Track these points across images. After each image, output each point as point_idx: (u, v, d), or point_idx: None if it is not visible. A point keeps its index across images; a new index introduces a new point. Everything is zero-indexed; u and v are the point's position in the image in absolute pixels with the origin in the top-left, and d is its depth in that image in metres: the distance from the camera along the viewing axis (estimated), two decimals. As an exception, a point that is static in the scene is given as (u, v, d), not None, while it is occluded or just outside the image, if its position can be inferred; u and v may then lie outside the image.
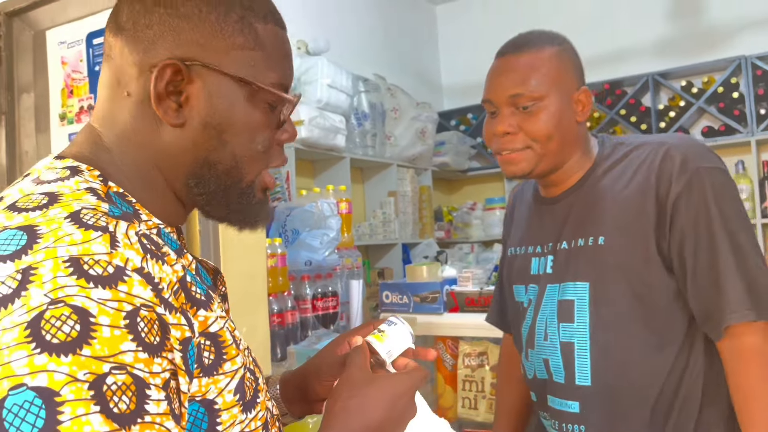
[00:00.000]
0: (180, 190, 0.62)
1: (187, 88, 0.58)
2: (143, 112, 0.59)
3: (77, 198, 0.52)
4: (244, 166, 0.61)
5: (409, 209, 3.74)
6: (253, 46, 0.60)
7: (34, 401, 0.42)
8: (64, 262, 0.46)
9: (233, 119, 0.60)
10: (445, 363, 1.74)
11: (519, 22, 4.38)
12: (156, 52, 0.58)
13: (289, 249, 2.12)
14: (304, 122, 2.78)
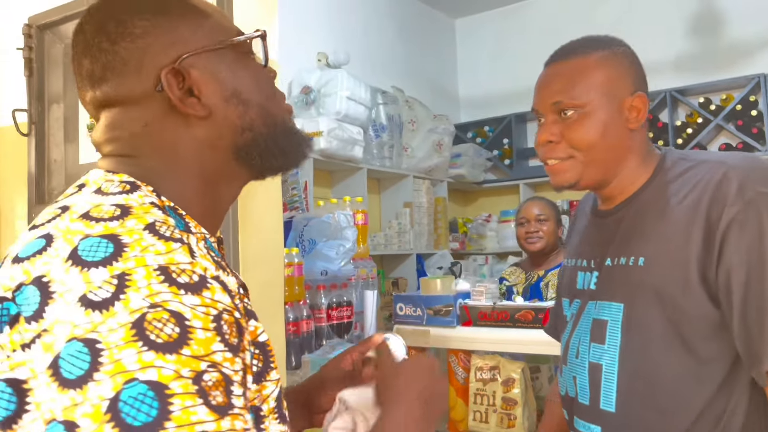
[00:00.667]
0: (236, 169, 0.66)
1: (192, 81, 0.63)
2: (168, 128, 0.63)
3: (147, 211, 0.56)
4: (270, 108, 0.67)
5: (424, 220, 3.76)
6: (203, 18, 0.65)
7: (147, 393, 0.46)
8: (155, 270, 0.50)
9: (240, 80, 0.65)
10: (457, 376, 1.76)
11: (537, 37, 4.45)
12: (148, 74, 0.62)
13: (306, 259, 2.16)
14: (323, 133, 2.82)
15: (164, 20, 0.63)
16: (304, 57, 3.16)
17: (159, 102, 0.62)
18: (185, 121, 0.63)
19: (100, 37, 0.63)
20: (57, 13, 1.64)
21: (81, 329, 0.47)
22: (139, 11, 0.63)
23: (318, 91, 2.99)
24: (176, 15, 0.64)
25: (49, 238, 0.54)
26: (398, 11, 4.13)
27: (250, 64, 0.67)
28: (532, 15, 4.42)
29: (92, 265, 0.50)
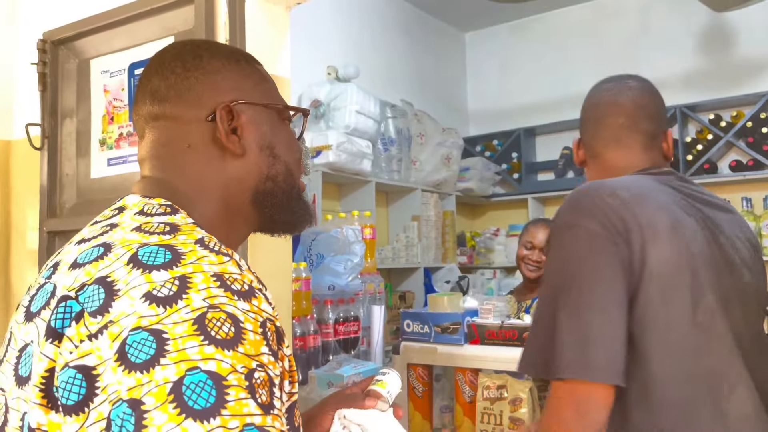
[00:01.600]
0: (250, 212, 0.74)
1: (239, 123, 0.72)
2: (207, 155, 0.72)
3: (193, 229, 0.63)
4: (293, 172, 0.76)
5: (432, 234, 3.76)
6: (263, 81, 0.77)
7: (207, 381, 0.51)
8: (212, 276, 0.56)
9: (277, 137, 0.75)
10: (464, 395, 1.75)
11: (546, 52, 4.45)
12: (205, 104, 0.71)
13: (314, 273, 2.16)
14: (332, 147, 2.83)
15: (235, 68, 0.74)
16: (314, 70, 3.18)
17: (206, 130, 0.71)
18: (221, 154, 0.72)
19: (176, 62, 0.72)
20: (72, 29, 1.66)
21: (147, 320, 0.53)
22: (216, 54, 0.74)
23: (328, 104, 3.00)
24: (244, 70, 0.75)
25: (107, 246, 0.60)
26: (408, 25, 4.15)
27: (286, 130, 0.77)
28: (542, 30, 4.43)
29: (153, 268, 0.56)
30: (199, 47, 0.75)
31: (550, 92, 4.30)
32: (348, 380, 1.85)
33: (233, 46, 0.83)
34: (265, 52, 1.51)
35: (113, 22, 1.56)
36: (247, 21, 1.46)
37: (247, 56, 0.78)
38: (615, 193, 0.97)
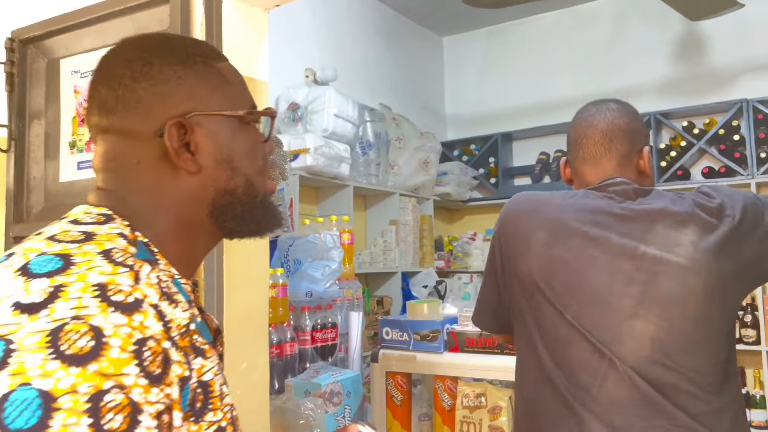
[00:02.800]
0: (209, 225, 0.70)
1: (192, 137, 0.67)
2: (157, 172, 0.67)
3: (110, 239, 0.60)
4: (256, 182, 0.71)
5: (409, 238, 3.74)
6: (223, 83, 0.70)
7: (34, 400, 0.47)
8: (93, 285, 0.53)
9: (237, 148, 0.69)
10: (443, 403, 1.73)
11: (523, 57, 4.47)
12: (154, 118, 0.66)
13: (291, 279, 2.12)
14: (310, 150, 2.80)
15: (189, 76, 0.68)
16: (291, 73, 3.14)
17: (156, 146, 0.66)
18: (174, 171, 0.67)
19: (124, 71, 0.66)
20: (41, 28, 1.60)
21: (6, 329, 0.50)
22: (168, 60, 0.67)
23: (305, 107, 2.97)
24: (201, 75, 0.69)
25: (11, 254, 0.58)
26: (387, 28, 4.13)
27: (250, 135, 0.72)
28: (520, 36, 4.46)
29: (37, 276, 0.53)
30: (149, 52, 0.68)
31: (527, 97, 4.33)
32: (326, 388, 1.82)
33: (192, 39, 0.74)
34: (243, 54, 1.48)
35: (85, 21, 1.51)
36: (224, 22, 1.43)
37: (206, 55, 0.71)
38: (518, 206, 1.20)
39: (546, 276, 1.11)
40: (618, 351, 1.06)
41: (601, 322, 1.08)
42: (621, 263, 1.08)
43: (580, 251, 1.10)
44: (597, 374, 1.07)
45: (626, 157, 1.18)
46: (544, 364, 1.11)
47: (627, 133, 1.18)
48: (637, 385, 1.05)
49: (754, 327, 3.28)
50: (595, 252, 1.10)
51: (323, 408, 1.76)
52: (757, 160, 3.45)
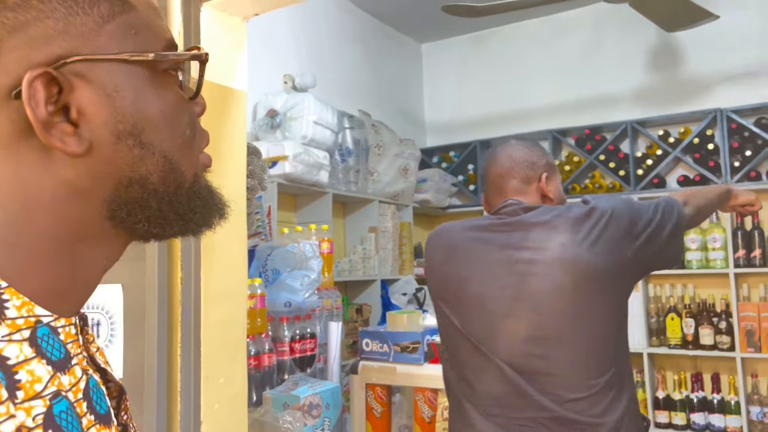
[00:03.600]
0: (110, 231, 0.47)
1: (74, 98, 0.43)
2: (19, 156, 0.43)
3: None
4: (180, 162, 0.48)
5: (389, 245, 3.73)
6: (122, 8, 0.46)
7: None
8: None
9: (147, 111, 0.46)
10: (423, 414, 1.72)
11: (502, 64, 4.49)
12: (6, 68, 0.42)
13: (269, 289, 2.10)
14: (288, 158, 2.78)
15: None
16: (270, 79, 3.12)
17: (12, 112, 0.43)
18: (46, 152, 0.44)
19: None
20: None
21: None
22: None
23: (284, 114, 2.94)
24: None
25: None
26: (366, 35, 4.13)
27: (168, 92, 0.47)
28: (499, 43, 4.49)
29: None
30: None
31: (506, 105, 4.35)
32: (304, 401, 1.80)
33: None
34: (222, 63, 1.46)
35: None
36: (203, 31, 1.40)
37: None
38: (430, 237, 1.44)
39: (441, 291, 1.34)
40: (493, 347, 1.22)
41: (480, 323, 1.25)
42: (497, 270, 1.26)
43: (464, 265, 1.31)
44: (476, 370, 1.24)
45: (525, 183, 1.39)
46: (446, 369, 1.33)
47: (523, 164, 1.40)
48: (510, 379, 1.19)
49: (728, 333, 3.32)
50: (476, 263, 1.29)
51: (302, 421, 1.74)
52: (731, 168, 3.51)
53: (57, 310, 0.45)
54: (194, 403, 1.35)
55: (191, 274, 1.37)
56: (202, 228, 0.51)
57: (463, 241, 1.33)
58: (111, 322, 1.40)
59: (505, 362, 1.19)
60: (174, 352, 1.36)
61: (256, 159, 1.87)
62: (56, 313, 0.44)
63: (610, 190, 3.85)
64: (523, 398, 1.18)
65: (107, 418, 0.46)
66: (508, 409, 1.18)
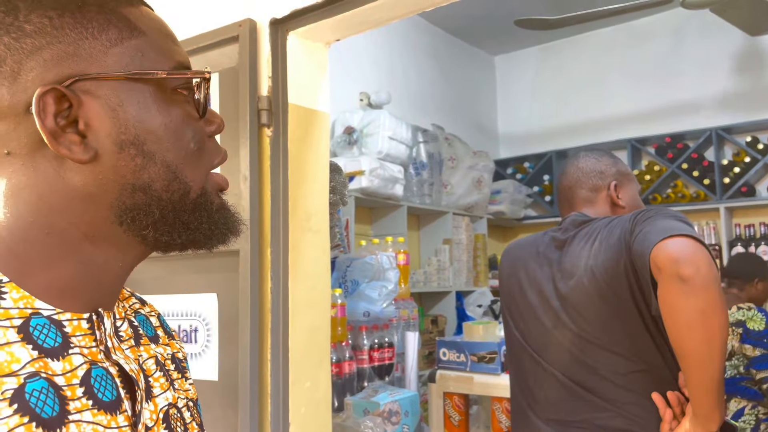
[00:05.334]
0: (121, 236, 0.51)
1: (81, 112, 0.48)
2: (35, 164, 0.49)
3: None
4: (184, 173, 0.51)
5: (463, 257, 3.76)
6: (130, 34, 0.50)
7: None
8: None
9: (150, 124, 0.50)
10: (501, 424, 1.74)
11: (578, 72, 4.44)
12: (23, 87, 0.47)
13: (349, 300, 2.18)
14: (365, 172, 2.87)
15: (71, 23, 0.48)
16: (347, 97, 3.23)
17: (29, 126, 0.47)
18: (58, 161, 0.48)
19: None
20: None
21: None
22: (42, 4, 0.48)
23: (360, 131, 3.05)
24: (91, 23, 0.49)
25: None
26: (439, 50, 4.19)
27: (173, 109, 0.52)
28: (572, 52, 4.44)
29: None
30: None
31: (581, 114, 4.30)
32: (384, 407, 1.86)
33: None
34: (306, 87, 1.56)
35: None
36: (289, 58, 1.51)
37: (107, 0, 0.51)
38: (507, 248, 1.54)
39: (507, 302, 1.43)
40: (546, 357, 1.30)
41: (535, 334, 1.33)
42: (546, 283, 1.34)
43: (524, 278, 1.39)
44: (537, 378, 1.32)
45: (593, 193, 1.43)
46: (511, 378, 1.40)
47: (590, 173, 1.44)
48: (565, 385, 1.26)
49: None
50: (532, 277, 1.38)
51: (382, 427, 1.80)
52: (827, 175, 3.32)
53: (64, 306, 0.49)
54: (283, 405, 1.44)
55: (280, 284, 1.47)
56: (212, 241, 0.54)
57: (525, 256, 1.42)
58: (207, 329, 1.52)
59: (558, 370, 1.27)
60: (264, 356, 1.46)
61: (338, 175, 1.96)
62: (62, 307, 0.49)
63: (694, 200, 3.72)
64: (577, 402, 1.25)
65: (111, 405, 0.49)
66: (564, 414, 1.26)
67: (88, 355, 0.49)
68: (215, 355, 1.50)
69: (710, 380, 1.06)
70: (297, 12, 1.46)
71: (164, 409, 0.55)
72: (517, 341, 1.37)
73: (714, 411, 1.08)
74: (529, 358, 1.34)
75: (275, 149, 1.48)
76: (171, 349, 0.62)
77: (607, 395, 1.22)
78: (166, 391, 0.57)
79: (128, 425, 0.50)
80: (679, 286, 1.05)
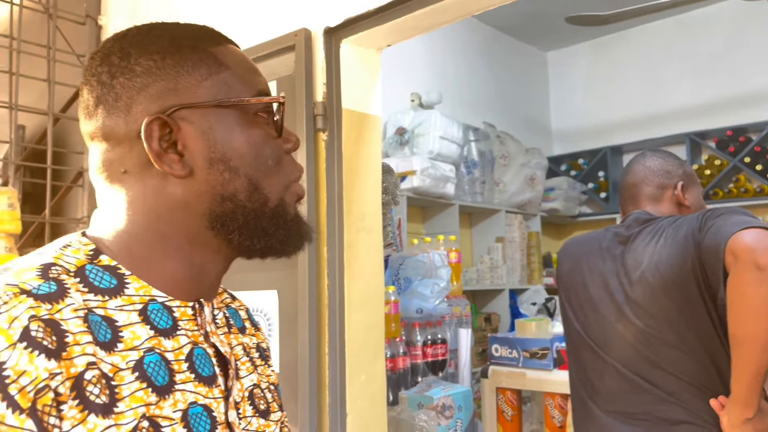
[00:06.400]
0: (213, 240, 0.61)
1: (179, 136, 0.58)
2: (145, 180, 0.59)
3: (18, 273, 0.52)
4: (263, 185, 0.60)
5: (516, 255, 3.75)
6: (218, 69, 0.60)
7: None
8: None
9: (234, 144, 0.59)
10: (554, 419, 1.76)
11: (632, 66, 4.35)
12: (135, 117, 0.58)
13: (402, 296, 2.24)
14: (417, 172, 2.92)
15: (171, 64, 0.59)
16: (398, 98, 3.29)
17: (140, 149, 0.58)
18: (163, 177, 0.59)
19: (103, 67, 0.60)
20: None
21: None
22: (147, 50, 0.59)
23: (412, 131, 3.10)
24: (186, 62, 0.59)
25: None
26: (489, 47, 4.20)
27: (254, 130, 0.61)
28: (625, 46, 4.35)
29: None
30: (129, 43, 0.60)
31: (636, 109, 4.21)
32: (438, 402, 1.91)
33: (184, 25, 0.64)
34: (359, 92, 1.62)
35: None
36: (342, 64, 1.57)
37: (196, 39, 0.61)
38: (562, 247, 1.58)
39: (567, 295, 1.46)
40: (607, 350, 1.34)
41: (596, 327, 1.36)
42: (610, 278, 1.37)
43: (586, 273, 1.42)
44: (597, 370, 1.35)
45: (659, 191, 1.45)
46: (571, 371, 1.44)
47: (658, 172, 1.46)
48: (626, 377, 1.29)
49: None
50: (594, 272, 1.41)
51: (436, 420, 1.85)
52: None
53: (174, 295, 0.59)
54: (340, 397, 1.51)
55: (336, 281, 1.54)
56: (287, 247, 0.63)
57: (587, 251, 1.45)
58: (269, 323, 1.60)
59: (619, 363, 1.31)
60: (322, 350, 1.53)
61: (390, 176, 2.02)
62: (172, 296, 0.59)
63: (757, 195, 3.60)
64: (639, 395, 1.28)
65: (209, 379, 0.59)
66: (626, 405, 1.29)
67: (192, 337, 0.59)
68: (276, 348, 1.58)
69: (759, 368, 1.11)
70: (350, 20, 1.52)
71: (249, 389, 0.65)
72: (577, 334, 1.41)
73: (753, 398, 1.14)
74: (589, 350, 1.37)
75: (330, 152, 1.55)
76: (256, 339, 0.72)
77: (670, 388, 1.26)
78: (250, 374, 0.66)
79: (222, 397, 0.60)
80: (754, 274, 1.09)
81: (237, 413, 0.62)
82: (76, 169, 2.22)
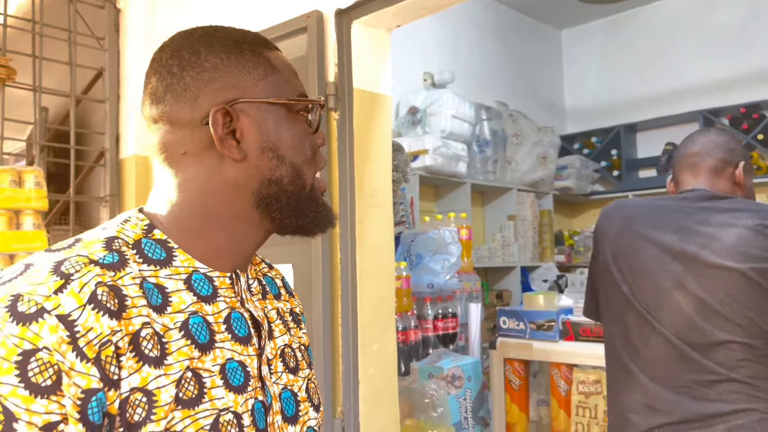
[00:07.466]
0: (256, 217, 0.69)
1: (238, 125, 0.66)
2: (203, 161, 0.67)
3: (88, 245, 0.61)
4: (302, 172, 0.70)
5: (528, 233, 3.79)
6: (271, 71, 0.69)
7: None
8: (11, 296, 0.54)
9: (282, 136, 0.68)
10: (560, 389, 1.82)
11: (645, 45, 4.33)
12: (200, 106, 0.66)
13: (413, 272, 2.30)
14: (429, 151, 2.96)
15: (234, 63, 0.67)
16: (410, 77, 3.32)
17: (202, 134, 0.66)
18: (220, 159, 0.67)
19: (173, 60, 0.68)
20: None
21: None
22: (214, 49, 0.68)
23: (424, 110, 3.13)
24: (247, 63, 0.68)
25: None
26: (504, 26, 4.19)
27: (297, 125, 0.70)
28: (639, 24, 4.33)
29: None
30: (198, 41, 0.68)
31: (650, 87, 4.20)
32: (448, 372, 1.98)
33: (242, 30, 0.73)
34: (369, 71, 1.66)
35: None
36: (353, 45, 1.62)
37: (254, 44, 0.70)
38: (606, 210, 1.50)
39: (614, 259, 1.41)
40: (658, 316, 1.31)
41: (648, 292, 1.33)
42: (673, 246, 1.32)
43: (640, 238, 1.37)
44: (643, 335, 1.33)
45: (722, 166, 1.42)
46: (612, 334, 1.40)
47: (722, 148, 1.42)
48: (675, 345, 1.28)
49: None
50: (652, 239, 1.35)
51: (446, 389, 1.92)
52: None
53: (214, 266, 0.68)
54: (353, 365, 1.58)
55: (348, 255, 1.60)
56: (317, 226, 0.72)
57: (640, 216, 1.41)
58: (284, 296, 1.67)
59: (669, 330, 1.29)
60: (336, 321, 1.60)
61: (400, 154, 2.07)
62: (213, 267, 0.68)
63: (771, 172, 3.59)
64: (687, 363, 1.27)
65: (244, 339, 0.68)
66: (672, 372, 1.28)
67: (229, 303, 0.68)
68: (291, 319, 1.65)
69: None
70: (360, 2, 1.56)
71: (281, 348, 0.74)
72: (624, 297, 1.37)
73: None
74: (637, 314, 1.34)
75: (342, 131, 1.60)
76: (290, 305, 0.81)
77: (719, 359, 1.25)
78: (283, 335, 0.75)
79: (255, 355, 0.69)
80: None
81: (269, 369, 0.70)
82: (98, 149, 2.30)
